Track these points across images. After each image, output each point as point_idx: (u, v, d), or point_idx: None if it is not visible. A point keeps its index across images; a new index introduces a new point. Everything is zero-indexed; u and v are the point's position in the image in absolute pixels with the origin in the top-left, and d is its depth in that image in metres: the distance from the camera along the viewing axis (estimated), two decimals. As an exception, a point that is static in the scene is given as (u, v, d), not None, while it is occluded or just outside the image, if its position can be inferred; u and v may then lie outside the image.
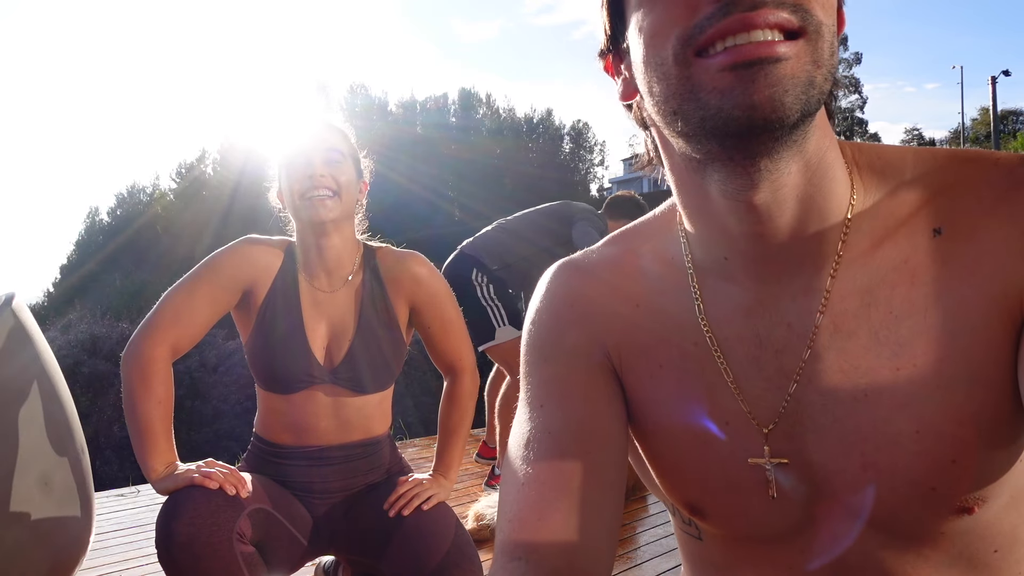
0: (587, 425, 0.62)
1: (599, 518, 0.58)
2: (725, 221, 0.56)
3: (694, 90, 0.49)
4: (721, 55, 0.47)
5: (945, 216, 0.54)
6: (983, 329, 0.52)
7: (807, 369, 0.57)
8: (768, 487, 0.60)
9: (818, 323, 0.56)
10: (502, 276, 2.91)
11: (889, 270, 0.55)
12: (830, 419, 0.56)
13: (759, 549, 0.64)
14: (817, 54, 0.47)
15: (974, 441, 0.52)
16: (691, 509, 0.66)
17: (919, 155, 0.59)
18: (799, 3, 0.47)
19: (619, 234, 0.72)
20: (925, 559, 0.57)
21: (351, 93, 43.17)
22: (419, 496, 1.44)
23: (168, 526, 1.22)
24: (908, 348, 0.53)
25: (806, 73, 0.47)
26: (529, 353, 0.69)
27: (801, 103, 0.47)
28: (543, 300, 0.70)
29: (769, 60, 0.46)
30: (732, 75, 0.47)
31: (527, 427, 0.63)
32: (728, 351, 0.60)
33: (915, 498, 0.54)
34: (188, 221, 34.25)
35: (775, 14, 0.46)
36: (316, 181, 1.41)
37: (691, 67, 0.49)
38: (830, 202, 0.55)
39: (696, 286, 0.62)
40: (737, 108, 0.47)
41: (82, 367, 14.45)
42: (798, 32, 0.47)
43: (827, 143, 0.55)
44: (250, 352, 1.51)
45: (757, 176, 0.51)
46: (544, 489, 0.58)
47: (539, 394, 0.65)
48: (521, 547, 0.56)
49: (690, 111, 0.50)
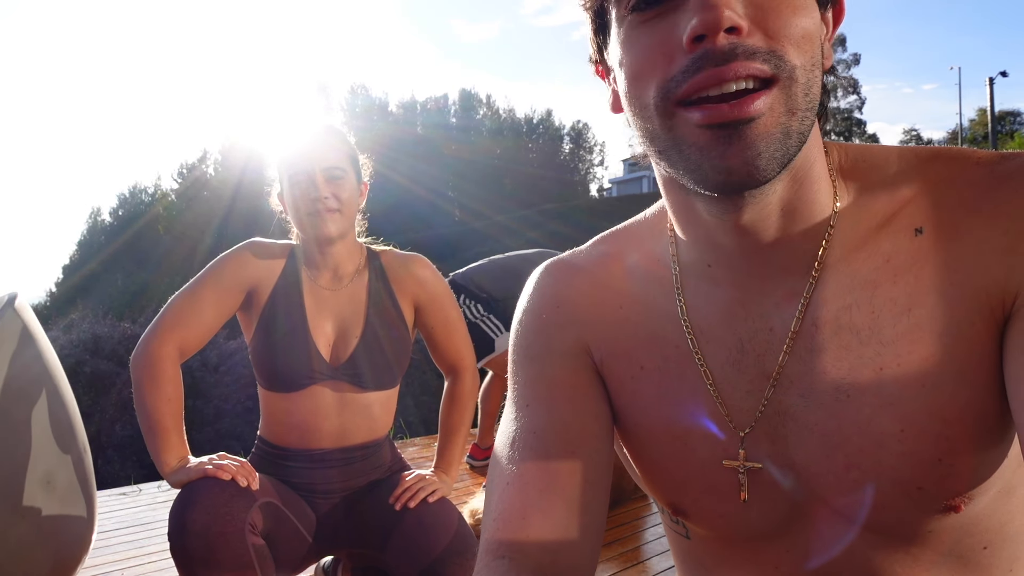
0: (572, 425, 0.62)
1: (583, 517, 0.58)
2: (711, 232, 0.57)
3: (676, 142, 0.50)
4: (697, 111, 0.48)
5: (927, 215, 0.54)
6: (966, 328, 0.52)
7: (788, 372, 0.57)
8: (740, 490, 0.60)
9: (798, 327, 0.56)
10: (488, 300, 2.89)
11: (871, 270, 0.55)
12: (812, 421, 0.56)
13: (745, 549, 0.64)
14: (792, 101, 0.48)
15: (960, 440, 0.52)
16: (674, 509, 0.66)
17: (902, 154, 0.59)
18: (772, 50, 0.47)
19: (609, 234, 0.73)
20: (914, 558, 0.57)
21: (352, 94, 43.22)
22: (423, 490, 1.46)
23: (183, 515, 1.23)
24: (891, 347, 0.53)
25: (780, 126, 0.47)
26: (515, 353, 0.69)
27: (777, 159, 0.48)
28: (529, 301, 0.71)
29: (742, 121, 0.46)
30: (709, 133, 0.47)
31: (513, 427, 0.64)
32: (709, 354, 0.61)
33: (900, 497, 0.54)
34: (189, 221, 34.30)
35: (746, 66, 0.46)
36: (321, 203, 1.44)
37: (674, 118, 0.49)
38: (813, 209, 0.56)
39: (680, 289, 0.63)
40: (714, 170, 0.48)
41: (84, 366, 14.46)
42: (772, 79, 0.47)
43: (814, 153, 0.55)
44: (253, 351, 1.53)
45: (741, 203, 0.53)
46: (528, 489, 0.59)
47: (525, 394, 0.65)
48: (505, 545, 0.56)
49: (674, 158, 0.51)
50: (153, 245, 34.96)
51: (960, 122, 35.24)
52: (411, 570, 1.33)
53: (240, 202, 30.34)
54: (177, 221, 35.81)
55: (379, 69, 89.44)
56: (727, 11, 0.46)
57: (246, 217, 25.86)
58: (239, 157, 33.78)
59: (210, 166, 39.53)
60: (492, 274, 2.93)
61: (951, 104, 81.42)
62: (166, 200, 39.02)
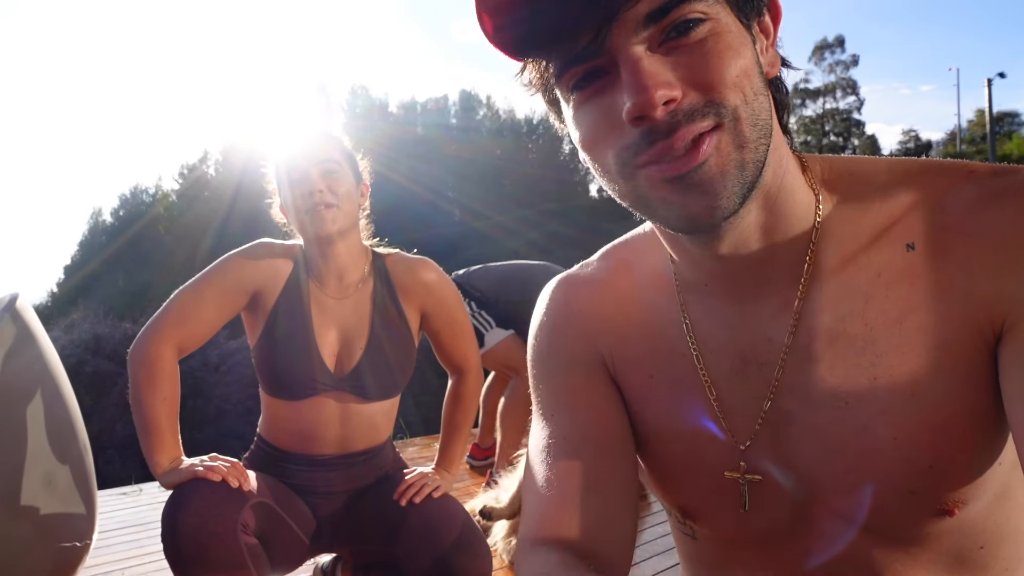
0: (596, 428, 0.65)
1: (618, 512, 0.61)
2: (698, 259, 0.60)
3: (641, 199, 0.53)
4: (655, 167, 0.50)
5: (918, 231, 0.55)
6: (955, 344, 0.53)
7: (787, 381, 0.59)
8: (741, 501, 0.62)
9: (794, 336, 0.58)
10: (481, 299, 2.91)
11: (863, 283, 0.56)
12: (812, 428, 0.58)
13: (750, 551, 0.66)
14: (739, 137, 0.49)
15: (949, 448, 0.54)
16: (682, 512, 0.68)
17: (892, 167, 0.60)
18: (710, 100, 0.48)
19: (612, 248, 0.75)
20: (914, 558, 0.59)
21: (352, 94, 43.19)
22: (427, 486, 1.47)
23: (174, 517, 1.24)
24: (885, 358, 0.55)
25: (733, 162, 0.49)
26: (535, 367, 0.72)
27: (737, 193, 0.50)
28: (543, 316, 0.73)
29: (693, 170, 0.48)
30: (669, 187, 0.50)
31: (542, 435, 0.67)
32: (711, 366, 0.63)
33: (896, 501, 0.56)
34: (190, 222, 34.30)
35: (691, 129, 0.48)
36: (316, 197, 1.43)
37: (635, 179, 0.52)
38: (792, 223, 0.57)
39: (683, 303, 0.65)
40: (679, 220, 0.52)
41: (85, 366, 14.49)
42: (717, 126, 0.49)
43: (784, 165, 0.56)
44: (257, 356, 1.52)
45: (718, 233, 0.55)
46: (565, 489, 0.61)
47: (549, 404, 0.69)
48: (545, 537, 0.59)
49: (643, 211, 0.55)
50: (154, 245, 34.96)
51: (959, 123, 35.33)
52: (424, 562, 1.34)
53: (241, 203, 30.34)
54: (178, 221, 35.81)
55: (379, 70, 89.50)
56: (658, 92, 0.47)
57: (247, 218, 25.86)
58: (240, 158, 33.78)
59: (211, 167, 39.55)
60: (491, 279, 2.96)
61: (950, 105, 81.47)
62: (167, 200, 39.03)
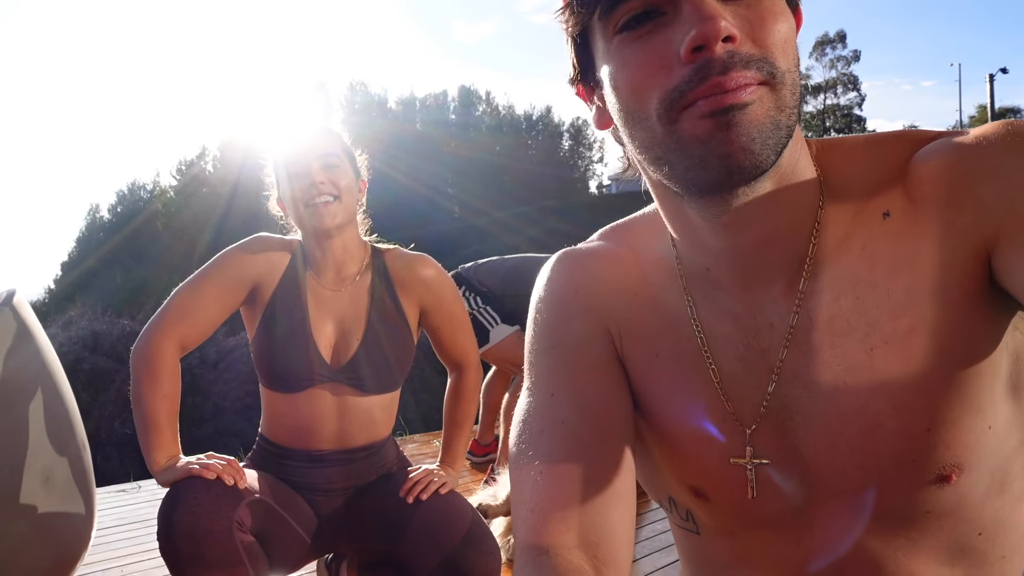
0: (599, 412, 0.62)
1: (619, 506, 0.59)
2: (703, 237, 0.60)
3: (679, 141, 0.52)
4: (703, 102, 0.51)
5: (892, 198, 0.57)
6: (940, 297, 0.54)
7: (790, 366, 0.59)
8: (748, 487, 0.62)
9: (795, 321, 0.59)
10: (487, 294, 2.90)
11: (852, 258, 0.58)
12: (816, 411, 0.58)
13: (754, 542, 0.66)
14: (780, 100, 0.51)
15: (945, 408, 0.55)
16: (695, 492, 0.66)
17: (869, 142, 0.62)
18: (764, 57, 0.51)
19: (611, 230, 0.73)
20: (915, 544, 0.59)
21: (351, 90, 43.16)
22: (433, 484, 1.47)
23: (169, 515, 1.24)
24: (876, 328, 0.56)
25: (770, 118, 0.51)
26: (536, 341, 0.69)
27: (770, 147, 0.51)
28: (546, 289, 0.71)
29: (737, 106, 0.50)
30: (711, 122, 0.50)
31: (538, 416, 0.63)
32: (716, 350, 0.63)
33: (899, 473, 0.57)
34: (188, 218, 34.30)
35: (743, 75, 0.50)
36: (317, 188, 1.43)
37: (677, 122, 0.52)
38: (800, 205, 0.58)
39: (687, 288, 0.64)
40: (715, 156, 0.51)
41: (83, 363, 14.48)
42: (764, 82, 0.51)
43: (798, 150, 0.58)
44: (255, 349, 1.52)
45: (732, 201, 0.55)
46: (564, 481, 0.59)
47: (549, 383, 0.65)
48: (544, 540, 0.57)
49: (676, 160, 0.53)
50: (152, 242, 34.96)
51: (960, 119, 35.34)
52: (431, 561, 1.34)
53: (239, 198, 30.33)
54: (176, 218, 35.82)
55: (378, 66, 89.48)
56: (723, 22, 0.49)
57: (245, 213, 25.85)
58: (237, 154, 33.77)
59: (209, 163, 39.53)
60: (498, 273, 2.95)
61: (951, 100, 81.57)
62: (165, 197, 39.02)
